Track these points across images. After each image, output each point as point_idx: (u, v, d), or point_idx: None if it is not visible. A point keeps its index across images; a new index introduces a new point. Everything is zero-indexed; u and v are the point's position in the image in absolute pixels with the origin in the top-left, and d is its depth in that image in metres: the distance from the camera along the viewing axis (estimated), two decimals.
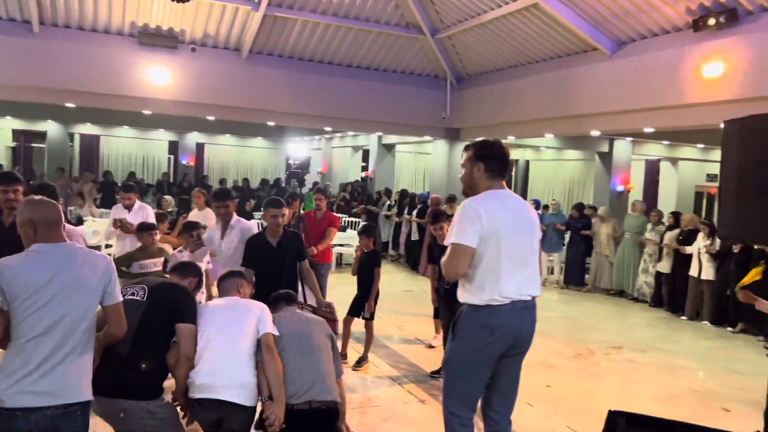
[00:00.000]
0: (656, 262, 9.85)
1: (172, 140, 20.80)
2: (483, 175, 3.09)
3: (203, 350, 2.96)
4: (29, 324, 2.38)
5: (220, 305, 3.22)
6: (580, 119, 10.03)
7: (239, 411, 2.94)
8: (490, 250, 2.97)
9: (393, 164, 17.19)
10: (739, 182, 3.30)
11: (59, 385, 2.39)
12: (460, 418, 3.09)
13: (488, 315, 3.00)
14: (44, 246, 2.47)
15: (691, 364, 6.90)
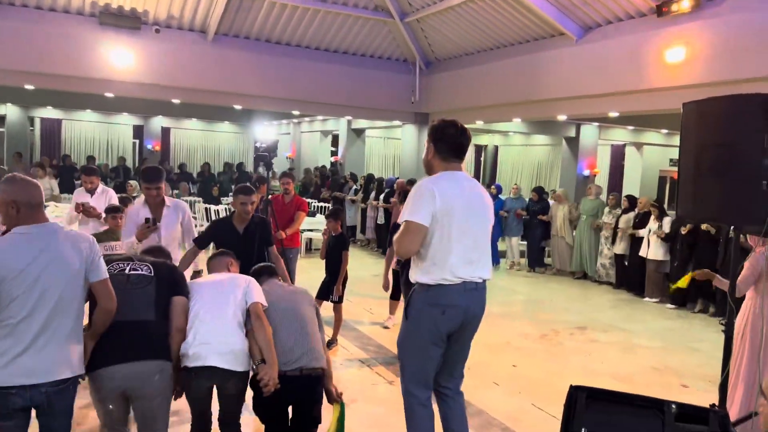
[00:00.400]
0: (612, 245, 10.10)
1: (137, 124, 20.38)
2: (435, 157, 3.12)
3: (194, 322, 3.03)
4: (16, 306, 2.43)
5: (207, 280, 3.32)
6: (547, 104, 10.13)
7: (232, 376, 3.02)
8: (441, 229, 3.00)
9: (363, 149, 17.15)
10: (696, 163, 3.39)
11: (52, 362, 2.47)
12: (418, 398, 3.14)
13: (439, 294, 3.03)
14: (28, 228, 2.51)
15: (652, 343, 7.09)
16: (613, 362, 6.26)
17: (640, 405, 2.96)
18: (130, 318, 2.77)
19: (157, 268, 3.04)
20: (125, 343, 2.74)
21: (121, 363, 2.70)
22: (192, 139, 21.68)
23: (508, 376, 5.61)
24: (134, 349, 2.75)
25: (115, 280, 2.80)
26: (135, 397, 2.80)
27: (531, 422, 4.65)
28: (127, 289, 2.83)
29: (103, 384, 2.72)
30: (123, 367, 2.70)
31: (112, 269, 2.88)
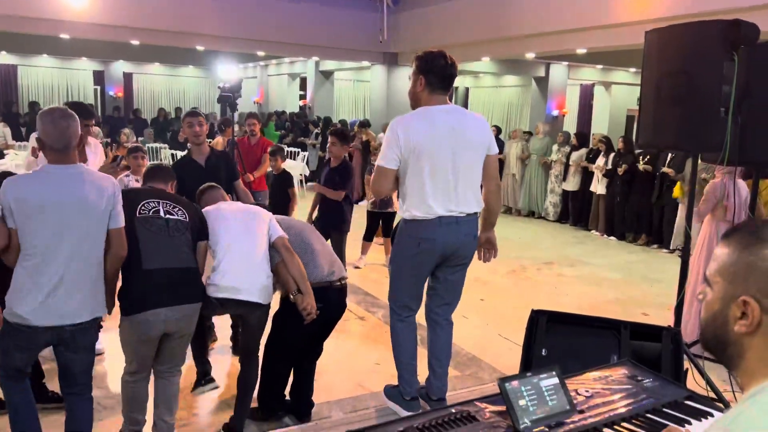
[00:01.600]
0: (561, 182, 10.38)
1: (98, 70, 19.66)
2: (424, 90, 3.07)
3: (224, 255, 3.09)
4: (40, 244, 2.47)
5: (233, 212, 3.30)
6: (515, 41, 10.04)
7: (258, 309, 3.17)
8: (412, 167, 3.04)
9: (332, 92, 16.87)
10: (657, 91, 3.43)
11: (77, 304, 2.56)
12: (398, 315, 3.31)
13: (415, 228, 3.12)
14: (53, 167, 2.54)
15: (615, 275, 7.32)
16: (578, 294, 6.46)
17: (597, 326, 3.09)
18: (176, 265, 2.83)
19: (189, 212, 3.01)
20: (174, 288, 2.80)
21: (171, 306, 2.77)
22: (155, 85, 21.07)
23: (476, 309, 5.76)
24: (182, 294, 2.84)
25: (155, 224, 2.83)
26: (172, 337, 2.90)
27: (497, 351, 4.81)
28: (170, 236, 2.85)
29: (150, 326, 2.75)
30: (172, 310, 2.78)
31: (146, 209, 2.85)
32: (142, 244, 2.76)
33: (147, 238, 2.78)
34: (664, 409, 1.71)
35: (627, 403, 1.71)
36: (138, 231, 2.77)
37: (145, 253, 2.75)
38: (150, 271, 2.75)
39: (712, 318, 1.02)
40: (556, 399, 1.63)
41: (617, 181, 9.18)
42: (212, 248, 3.15)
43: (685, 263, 3.68)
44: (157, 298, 2.74)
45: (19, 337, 2.53)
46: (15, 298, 2.51)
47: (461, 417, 1.56)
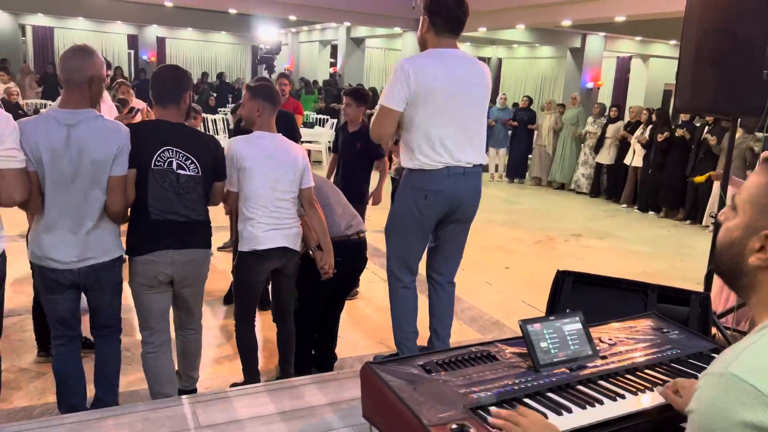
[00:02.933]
0: (594, 154, 10.21)
1: (132, 34, 19.82)
2: (429, 31, 2.88)
3: (257, 201, 2.97)
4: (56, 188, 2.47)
5: (269, 144, 3.04)
6: (551, 7, 9.79)
7: (294, 256, 3.11)
8: (420, 112, 2.84)
9: (362, 60, 16.73)
10: (697, 52, 3.31)
11: (95, 244, 2.57)
12: (401, 282, 3.13)
13: (421, 178, 2.94)
14: (63, 112, 2.49)
15: (644, 248, 7.20)
16: (604, 266, 6.38)
17: (624, 288, 3.04)
18: (184, 219, 2.74)
19: (201, 161, 2.80)
20: (179, 234, 2.73)
21: (178, 249, 2.71)
22: (188, 50, 21.16)
23: (500, 276, 5.74)
24: (189, 240, 2.76)
25: (167, 179, 2.69)
26: (183, 285, 2.81)
27: (520, 316, 4.77)
28: (178, 193, 2.72)
29: (156, 267, 2.69)
30: (179, 253, 2.72)
31: (162, 161, 2.70)
32: (151, 197, 2.67)
33: (157, 192, 2.68)
34: (689, 359, 1.69)
35: (651, 352, 1.69)
36: (149, 183, 2.67)
37: (152, 206, 2.68)
38: (156, 221, 2.69)
39: (729, 244, 1.00)
40: (579, 344, 1.62)
41: (652, 153, 9.02)
42: (241, 189, 2.99)
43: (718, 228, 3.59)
44: (163, 242, 2.69)
45: (46, 278, 2.57)
46: (34, 239, 2.54)
47: (481, 355, 1.56)
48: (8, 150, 2.33)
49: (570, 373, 1.53)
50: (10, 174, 2.35)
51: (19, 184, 2.39)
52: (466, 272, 5.67)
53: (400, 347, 3.21)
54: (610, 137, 9.89)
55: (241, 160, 2.95)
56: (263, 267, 3.05)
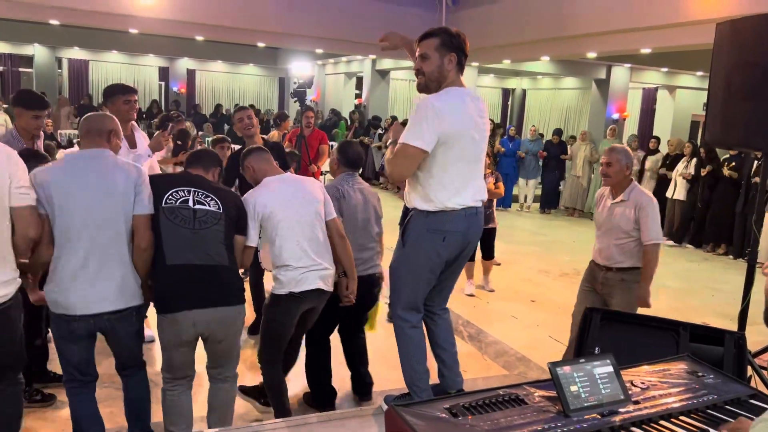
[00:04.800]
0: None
1: (163, 66, 20.34)
2: (454, 68, 2.82)
3: (285, 242, 2.93)
4: (67, 229, 2.46)
5: (284, 192, 3.03)
6: (576, 40, 9.80)
7: (326, 297, 3.11)
8: (444, 153, 2.77)
9: (387, 91, 16.89)
10: (727, 86, 3.28)
11: (111, 292, 2.51)
12: (409, 323, 3.06)
13: (440, 221, 2.86)
14: (83, 152, 2.58)
15: (674, 284, 7.04)
16: None
17: (655, 326, 2.96)
18: (203, 262, 2.59)
19: (224, 201, 2.74)
20: (202, 288, 2.59)
21: (201, 308, 2.57)
22: (217, 82, 21.60)
23: (526, 310, 5.65)
24: (213, 295, 2.61)
25: (179, 215, 2.60)
26: (212, 341, 2.72)
27: (547, 352, 4.69)
28: (195, 229, 2.60)
29: (179, 328, 2.58)
30: (204, 313, 2.58)
31: (173, 199, 2.63)
32: (164, 238, 2.57)
33: (169, 231, 2.57)
34: (726, 406, 1.62)
35: (686, 398, 1.63)
36: (161, 222, 2.58)
37: (167, 247, 2.57)
38: (173, 267, 2.57)
39: None
40: (610, 387, 1.56)
41: (699, 187, 8.85)
42: (270, 237, 2.95)
43: (751, 267, 3.50)
44: (183, 299, 2.56)
45: (61, 328, 2.52)
46: (49, 288, 2.50)
47: (509, 399, 1.51)
48: (22, 187, 2.35)
49: (602, 418, 1.48)
50: (25, 211, 2.36)
51: (34, 221, 2.39)
52: (491, 305, 5.63)
53: (413, 388, 3.11)
54: (649, 170, 9.76)
55: (263, 208, 2.91)
56: (298, 309, 3.01)
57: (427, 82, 2.85)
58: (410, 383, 3.11)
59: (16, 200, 2.32)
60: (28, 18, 11.08)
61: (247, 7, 11.06)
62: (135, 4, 10.29)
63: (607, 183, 3.74)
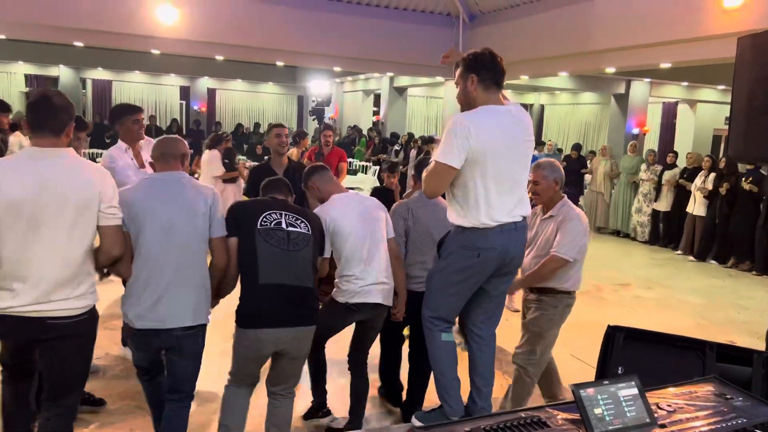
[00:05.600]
0: (651, 202, 10.02)
1: (184, 85, 20.66)
2: (477, 88, 2.84)
3: (354, 255, 3.12)
4: (149, 248, 2.59)
5: (352, 209, 3.22)
6: (595, 55, 9.77)
7: (384, 311, 3.25)
8: (477, 170, 2.79)
9: (404, 108, 16.96)
10: (750, 100, 3.22)
11: (182, 309, 2.64)
12: (437, 326, 3.03)
13: (475, 237, 2.85)
14: (160, 174, 2.74)
15: (698, 299, 6.92)
16: (656, 317, 6.15)
17: (680, 345, 2.90)
18: (292, 282, 2.75)
19: (312, 224, 2.92)
20: (290, 309, 2.73)
21: (284, 327, 2.72)
22: (237, 100, 21.87)
23: None
24: (296, 315, 2.76)
25: (275, 236, 2.75)
26: (287, 358, 2.85)
27: (568, 371, 4.62)
28: (288, 251, 2.76)
29: (261, 345, 2.72)
30: (285, 331, 2.73)
31: (268, 221, 2.79)
32: (260, 258, 2.70)
33: (265, 251, 2.71)
34: (756, 430, 1.58)
35: (714, 421, 1.59)
36: (257, 243, 2.72)
37: (262, 267, 2.70)
38: (265, 286, 2.70)
39: None
40: (635, 410, 1.53)
41: (718, 202, 8.75)
42: (337, 251, 3.14)
43: None
44: (270, 317, 2.69)
45: (136, 339, 2.69)
46: (126, 303, 2.65)
47: (531, 422, 1.49)
48: (110, 207, 2.44)
49: None
50: (111, 230, 2.45)
51: (118, 240, 2.49)
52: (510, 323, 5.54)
53: (442, 394, 3.09)
54: (666, 184, 9.71)
55: (333, 222, 3.12)
56: (351, 318, 3.21)
57: (461, 108, 2.94)
58: (439, 389, 3.09)
59: (104, 220, 2.42)
60: (54, 40, 11.37)
61: (266, 26, 11.22)
62: (157, 26, 10.49)
63: (538, 201, 3.70)
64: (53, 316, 2.32)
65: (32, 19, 9.92)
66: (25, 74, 18.53)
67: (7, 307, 2.28)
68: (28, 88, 18.76)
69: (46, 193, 2.28)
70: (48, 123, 2.36)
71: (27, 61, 17.71)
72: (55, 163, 2.34)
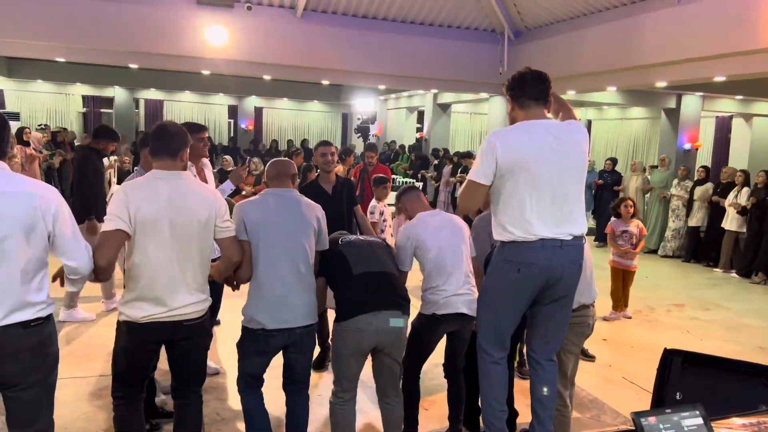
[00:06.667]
0: (678, 218, 10.02)
1: (232, 104, 21.16)
2: (515, 107, 2.92)
3: (436, 268, 3.28)
4: (270, 256, 2.90)
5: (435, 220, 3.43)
6: (645, 70, 9.56)
7: (471, 321, 3.32)
8: (509, 184, 2.78)
9: (448, 125, 16.93)
10: None
11: (305, 309, 2.96)
12: (491, 356, 2.98)
13: (514, 252, 2.82)
14: (274, 190, 3.08)
15: (758, 322, 6.62)
16: (714, 340, 5.90)
17: (743, 372, 2.77)
18: (380, 269, 3.08)
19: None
20: (382, 292, 3.01)
21: (382, 310, 2.94)
22: (283, 118, 22.26)
23: (598, 349, 5.42)
24: (391, 300, 3.00)
25: (357, 243, 3.19)
26: (384, 353, 3.03)
27: (620, 394, 4.48)
28: (372, 248, 3.17)
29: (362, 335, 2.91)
30: (383, 320, 2.93)
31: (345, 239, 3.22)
32: (349, 257, 3.06)
33: (352, 252, 3.09)
34: None
35: None
36: (344, 250, 3.10)
37: (352, 262, 3.04)
38: (359, 275, 3.01)
39: None
40: None
41: (748, 218, 8.58)
42: (422, 264, 3.32)
43: None
44: (368, 301, 2.93)
45: (258, 342, 2.91)
46: (255, 307, 2.90)
47: None
48: (225, 221, 2.76)
49: None
50: (228, 241, 2.79)
51: (237, 248, 2.82)
52: None
53: (487, 425, 3.05)
54: (697, 200, 9.51)
55: (416, 238, 3.31)
56: (440, 329, 3.32)
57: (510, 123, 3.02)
58: (485, 419, 3.07)
59: (221, 233, 2.76)
60: (111, 63, 11.81)
61: (312, 46, 11.42)
62: (207, 47, 10.80)
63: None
64: (186, 319, 2.66)
65: (91, 43, 10.36)
66: (82, 95, 19.32)
67: (149, 314, 2.59)
68: (85, 108, 19.56)
69: (174, 211, 2.59)
70: (165, 148, 2.67)
71: (84, 83, 18.47)
72: (178, 184, 2.65)
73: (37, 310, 2.24)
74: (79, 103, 19.39)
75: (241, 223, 2.89)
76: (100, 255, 2.46)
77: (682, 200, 10.00)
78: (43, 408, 2.33)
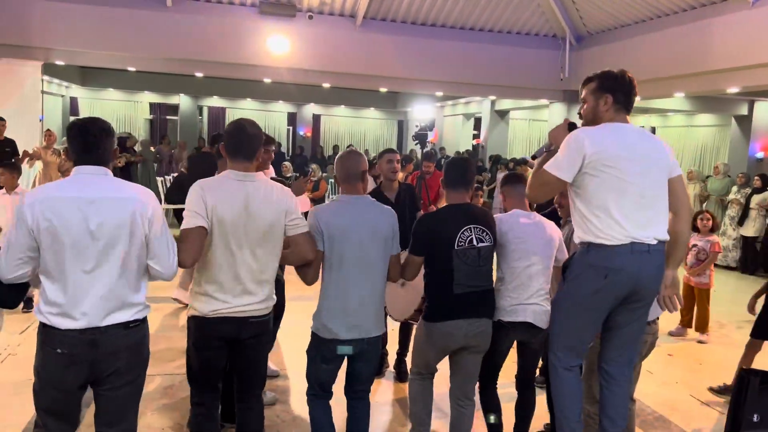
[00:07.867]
0: (737, 226, 9.68)
1: (291, 112, 21.57)
2: (610, 109, 2.79)
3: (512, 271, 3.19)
4: (345, 264, 2.83)
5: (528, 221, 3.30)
6: (714, 75, 9.19)
7: (539, 333, 3.22)
8: (596, 182, 2.67)
9: (506, 131, 16.73)
10: None
11: (373, 319, 2.92)
12: (562, 361, 2.86)
13: (601, 256, 2.67)
14: (348, 197, 2.94)
15: None
16: None
17: None
18: (480, 289, 3.05)
19: (493, 232, 3.13)
20: (475, 306, 3.03)
21: (471, 318, 2.99)
22: (340, 126, 22.52)
23: (663, 364, 5.23)
24: (481, 311, 3.05)
25: (469, 255, 3.00)
26: (469, 351, 3.08)
27: (688, 412, 4.30)
28: (479, 266, 3.03)
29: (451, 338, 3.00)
30: (472, 325, 2.99)
31: (463, 241, 3.01)
32: (456, 273, 2.97)
33: (460, 269, 2.98)
34: None
35: None
36: (454, 262, 2.97)
37: (456, 281, 2.98)
38: (458, 295, 2.99)
39: None
40: None
41: None
42: (503, 265, 3.22)
43: None
44: (462, 310, 2.98)
45: (329, 350, 2.87)
46: (327, 315, 2.86)
47: None
48: (295, 218, 2.75)
49: None
50: (301, 237, 2.75)
51: (310, 246, 2.77)
52: None
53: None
54: (754, 208, 9.16)
55: (501, 234, 3.20)
56: (508, 337, 3.23)
57: (584, 124, 2.89)
58: (558, 429, 2.94)
59: (292, 230, 2.75)
60: (178, 71, 12.26)
61: (371, 54, 11.52)
62: (268, 56, 11.06)
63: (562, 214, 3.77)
64: (252, 316, 2.69)
65: (159, 53, 10.79)
66: (150, 102, 20.10)
67: (216, 309, 2.63)
68: (152, 115, 20.33)
69: (246, 212, 2.61)
70: (242, 149, 2.66)
71: (152, 91, 19.22)
72: (252, 186, 2.66)
73: (135, 311, 2.34)
74: (146, 110, 20.17)
75: (318, 230, 2.83)
76: (186, 254, 2.50)
77: (740, 207, 9.77)
78: (129, 409, 2.42)
